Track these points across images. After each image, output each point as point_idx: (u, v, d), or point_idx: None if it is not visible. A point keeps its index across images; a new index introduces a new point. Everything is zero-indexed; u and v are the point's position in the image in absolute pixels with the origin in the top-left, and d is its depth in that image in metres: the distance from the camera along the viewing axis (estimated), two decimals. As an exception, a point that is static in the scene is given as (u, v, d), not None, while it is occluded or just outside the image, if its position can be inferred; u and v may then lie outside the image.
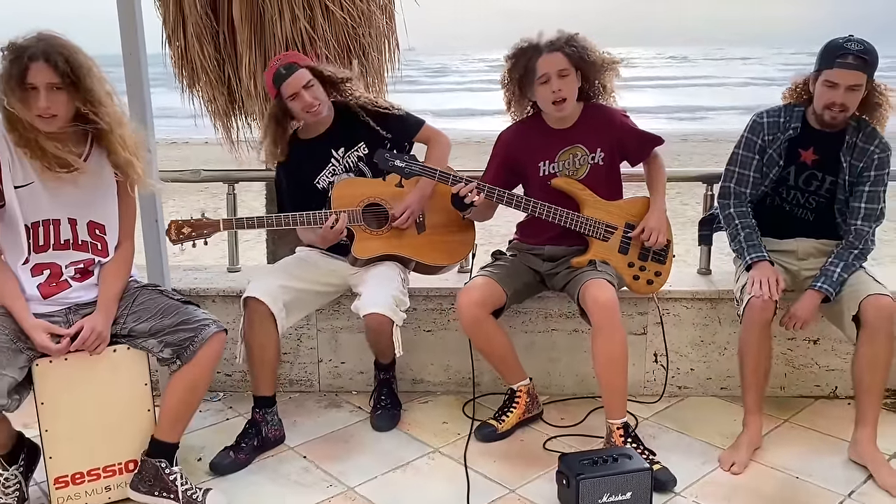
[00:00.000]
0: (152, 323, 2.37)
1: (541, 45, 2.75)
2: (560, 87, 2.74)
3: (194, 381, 2.37)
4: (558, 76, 2.73)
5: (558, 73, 2.73)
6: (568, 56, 2.73)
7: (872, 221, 2.77)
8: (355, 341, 3.18)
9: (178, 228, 2.71)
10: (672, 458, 2.64)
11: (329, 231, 2.79)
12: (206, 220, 2.74)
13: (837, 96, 2.61)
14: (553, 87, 2.73)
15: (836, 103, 2.62)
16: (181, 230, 2.71)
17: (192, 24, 4.17)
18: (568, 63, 2.73)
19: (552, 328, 3.15)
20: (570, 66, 2.73)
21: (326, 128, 2.97)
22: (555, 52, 2.73)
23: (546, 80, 2.74)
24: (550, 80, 2.73)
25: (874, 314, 2.55)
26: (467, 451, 2.73)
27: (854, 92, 2.61)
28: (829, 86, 2.61)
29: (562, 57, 2.72)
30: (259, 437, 2.75)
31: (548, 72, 2.73)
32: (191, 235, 2.71)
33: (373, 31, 4.41)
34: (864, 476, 2.56)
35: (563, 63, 2.72)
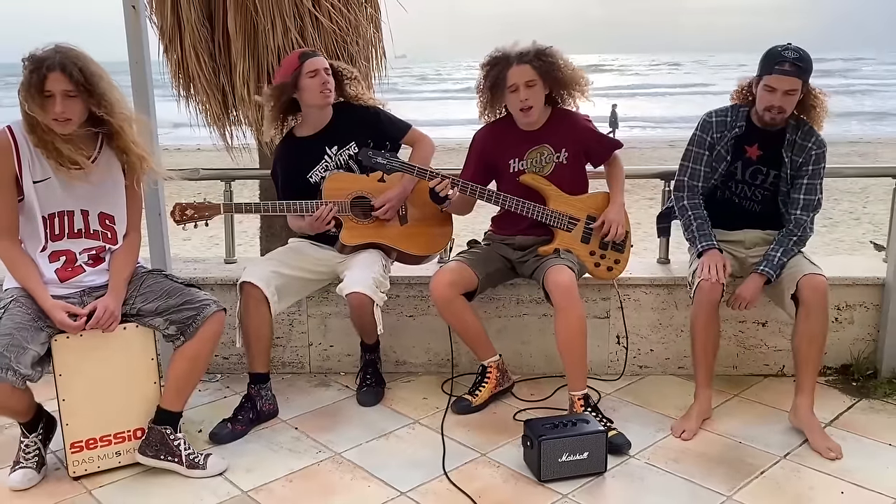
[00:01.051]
0: (158, 303, 2.64)
1: (511, 57, 3.03)
2: (527, 97, 3.02)
3: (196, 354, 2.64)
4: (526, 86, 3.01)
5: (525, 83, 3.00)
6: (536, 69, 3.00)
7: (810, 211, 3.06)
8: (343, 326, 3.45)
9: (182, 210, 2.98)
10: (629, 427, 2.91)
11: (316, 220, 3.05)
12: (207, 204, 3.02)
13: (775, 99, 2.90)
14: (521, 96, 3.02)
15: (775, 106, 2.91)
16: (185, 212, 2.98)
17: (189, 34, 4.45)
18: (535, 75, 3.00)
19: (523, 313, 3.43)
20: (538, 77, 3.01)
21: (322, 126, 3.24)
22: (524, 65, 3.00)
23: (515, 90, 3.02)
24: (519, 90, 3.02)
25: (810, 292, 2.84)
26: (444, 421, 3.01)
27: (790, 96, 2.90)
28: (769, 90, 2.91)
29: (530, 69, 3.00)
30: (254, 410, 3.02)
31: (516, 82, 3.01)
32: (193, 217, 2.99)
33: (360, 40, 4.70)
34: (800, 440, 2.84)
35: (531, 75, 3.00)
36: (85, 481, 2.62)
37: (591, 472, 2.61)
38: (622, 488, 2.57)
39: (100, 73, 2.47)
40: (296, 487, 2.59)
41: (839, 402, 3.18)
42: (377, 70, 4.94)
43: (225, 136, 4.81)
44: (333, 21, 4.45)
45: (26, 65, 2.41)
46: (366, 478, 2.64)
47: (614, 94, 36.18)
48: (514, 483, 2.60)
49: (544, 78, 3.03)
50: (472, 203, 3.21)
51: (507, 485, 2.59)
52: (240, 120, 4.73)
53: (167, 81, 4.75)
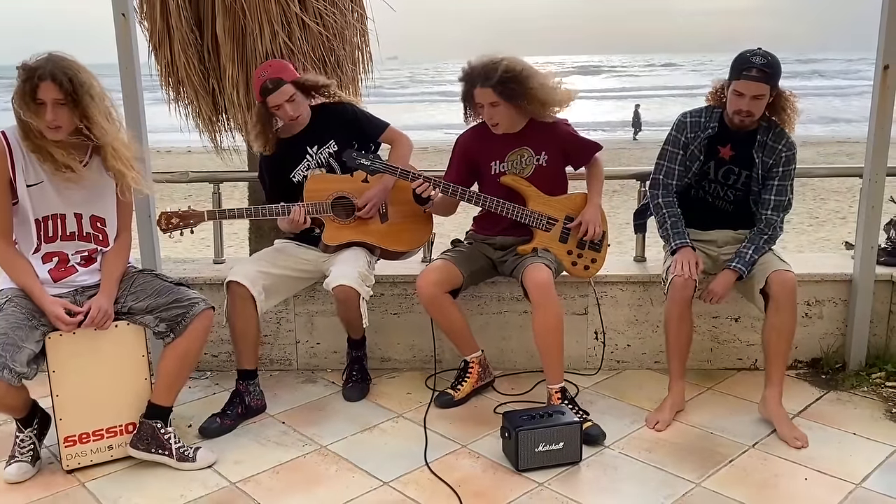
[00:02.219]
0: (149, 301, 2.73)
1: (474, 78, 3.09)
2: (491, 116, 3.12)
3: (186, 351, 2.73)
4: (490, 107, 3.09)
5: (489, 104, 3.08)
6: (498, 93, 3.05)
7: (781, 211, 3.17)
8: (329, 324, 3.55)
9: (168, 219, 3.06)
10: (605, 419, 3.02)
11: (294, 223, 3.15)
12: (192, 212, 3.10)
13: (744, 104, 3.01)
14: (486, 115, 3.12)
15: (743, 110, 3.02)
16: (170, 220, 3.06)
17: (179, 39, 4.53)
18: (497, 97, 3.06)
19: (504, 310, 3.54)
20: (500, 99, 3.06)
21: (303, 127, 3.33)
22: (486, 88, 3.05)
23: (481, 107, 3.12)
24: (484, 109, 3.11)
25: (779, 287, 2.95)
26: (427, 415, 3.11)
27: (758, 100, 3.01)
28: (737, 95, 3.01)
29: (492, 93, 3.05)
30: (243, 405, 3.11)
31: (481, 101, 3.10)
32: (179, 225, 3.07)
33: (347, 44, 4.80)
34: (769, 430, 2.95)
35: (493, 97, 3.06)
36: (78, 474, 2.71)
37: (567, 461, 2.72)
38: (597, 477, 2.67)
39: (89, 84, 2.53)
40: (283, 479, 2.69)
41: (808, 394, 3.30)
42: (364, 73, 5.04)
43: (214, 138, 4.91)
44: (320, 25, 4.55)
45: (20, 74, 2.50)
46: (350, 469, 2.74)
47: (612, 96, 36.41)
48: (493, 473, 2.70)
49: (507, 100, 3.07)
50: (456, 204, 3.31)
51: (486, 474, 2.69)
52: (229, 123, 4.83)
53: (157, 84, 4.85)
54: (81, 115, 2.51)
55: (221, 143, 5.00)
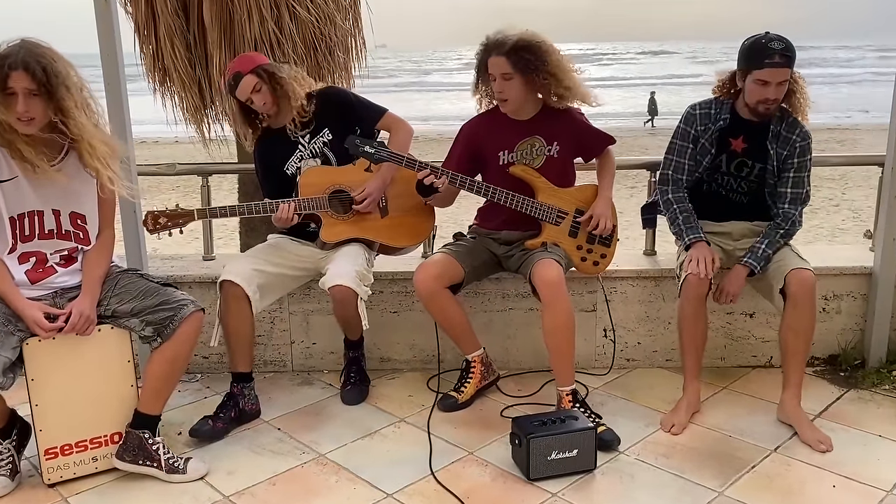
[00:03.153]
0: (134, 304, 2.55)
1: (489, 46, 2.96)
2: (501, 89, 2.95)
3: (174, 356, 2.56)
4: (502, 78, 2.94)
5: (501, 75, 2.93)
6: (513, 63, 2.91)
7: (798, 204, 3.03)
8: (326, 323, 3.38)
9: (155, 219, 2.89)
10: (618, 422, 2.88)
11: (281, 220, 2.98)
12: (180, 210, 2.92)
13: (770, 92, 2.85)
14: (496, 87, 2.96)
15: (770, 98, 2.86)
16: (157, 220, 2.89)
17: (164, 25, 4.33)
18: (511, 68, 2.91)
19: (509, 307, 3.38)
20: (514, 71, 2.92)
21: (291, 117, 3.15)
22: (500, 56, 2.92)
23: (493, 79, 2.96)
24: (496, 81, 2.95)
25: (797, 286, 2.80)
26: (430, 419, 2.96)
27: (783, 86, 2.86)
28: (762, 84, 2.85)
29: (505, 62, 2.91)
30: (236, 408, 2.95)
31: (493, 73, 2.95)
32: (167, 225, 2.89)
33: (338, 29, 4.61)
34: (790, 433, 2.81)
35: (507, 68, 2.91)
36: (61, 488, 2.54)
37: (581, 469, 2.57)
38: (612, 485, 2.53)
39: (65, 74, 2.34)
40: (279, 491, 2.53)
41: (827, 392, 3.16)
42: (357, 60, 4.86)
43: (202, 129, 4.72)
44: (311, 11, 4.36)
45: None
46: (351, 479, 2.58)
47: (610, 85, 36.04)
48: (503, 482, 2.55)
49: (522, 73, 2.93)
50: (455, 195, 3.15)
51: (495, 484, 2.54)
52: (217, 114, 4.64)
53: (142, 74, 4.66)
54: (56, 107, 2.33)
55: (210, 134, 4.82)
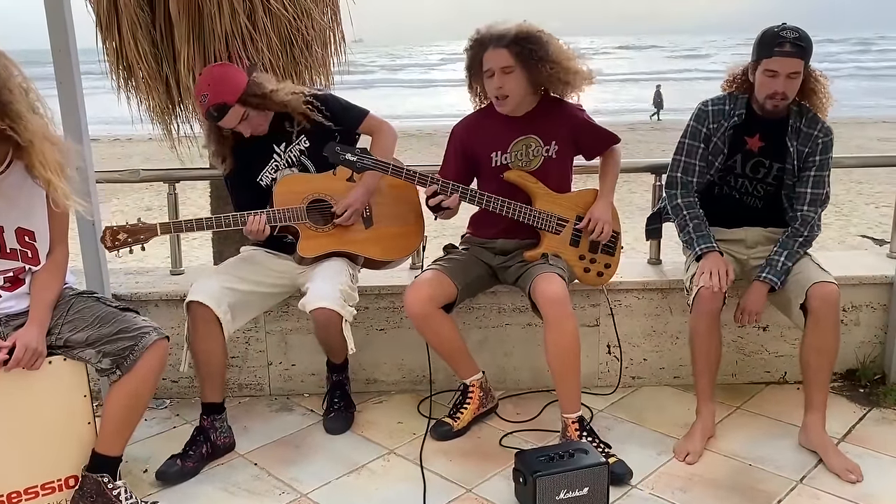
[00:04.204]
0: (89, 332, 2.26)
1: (487, 39, 2.71)
2: (501, 84, 2.70)
3: (136, 391, 2.27)
4: (501, 72, 2.69)
5: (501, 69, 2.68)
6: (514, 55, 2.67)
7: (818, 206, 2.80)
8: (306, 342, 3.10)
9: (114, 235, 2.59)
10: (627, 450, 2.64)
11: (253, 233, 2.70)
12: (142, 225, 2.63)
13: (778, 84, 2.63)
14: (495, 83, 2.70)
15: (778, 92, 2.64)
16: (116, 236, 2.59)
17: (128, 18, 4.02)
18: (513, 60, 2.68)
19: (506, 322, 3.13)
20: (516, 63, 2.68)
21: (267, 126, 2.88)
22: (500, 49, 2.68)
23: (490, 75, 2.71)
24: (494, 76, 2.70)
25: (820, 302, 2.58)
26: (423, 450, 2.69)
27: (793, 79, 2.64)
28: (770, 75, 2.63)
29: (506, 54, 2.67)
30: (208, 443, 2.66)
31: (491, 67, 2.69)
32: (127, 241, 2.60)
33: (315, 23, 4.32)
34: (815, 461, 2.59)
35: (508, 60, 2.68)
36: (8, 542, 2.26)
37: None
38: (627, 526, 2.29)
39: (7, 76, 2.04)
40: (256, 539, 2.26)
41: (849, 412, 2.94)
42: (335, 56, 4.57)
43: (170, 130, 4.41)
44: (286, 5, 4.07)
45: None
46: (337, 524, 2.32)
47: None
48: (506, 525, 2.30)
49: (525, 65, 2.70)
50: (458, 205, 2.85)
51: (497, 527, 2.29)
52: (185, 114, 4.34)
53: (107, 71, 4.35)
54: (2, 112, 2.03)
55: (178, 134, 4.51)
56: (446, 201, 2.65)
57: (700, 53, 62.11)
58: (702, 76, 37.03)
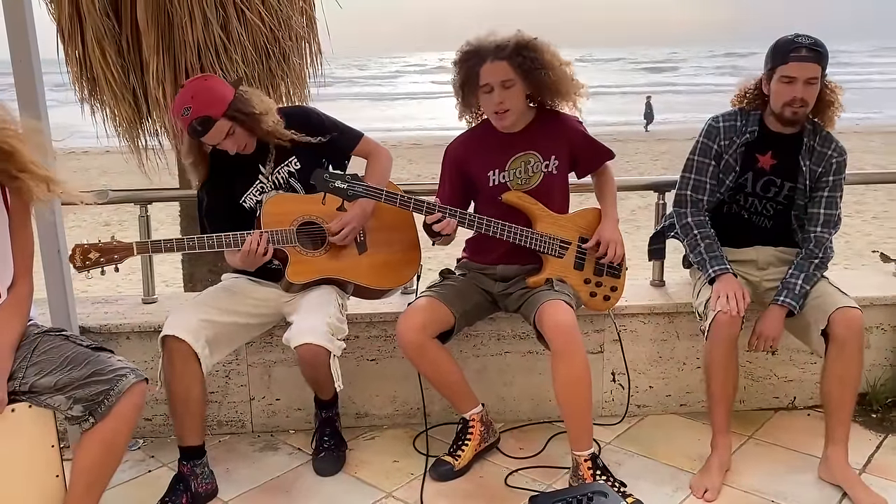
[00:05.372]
0: (58, 376, 2.02)
1: (484, 51, 2.54)
2: (502, 100, 2.54)
3: (111, 439, 2.03)
4: (502, 87, 2.52)
5: (502, 83, 2.52)
6: (514, 66, 2.52)
7: (831, 228, 2.68)
8: (291, 375, 2.89)
9: (84, 254, 2.34)
10: (642, 487, 2.48)
11: (251, 254, 2.49)
12: (116, 244, 2.39)
13: (797, 90, 2.51)
14: (495, 98, 2.53)
15: (797, 98, 2.52)
16: (87, 255, 2.34)
17: (92, 27, 3.80)
18: (514, 73, 2.52)
19: (505, 350, 2.95)
20: (517, 76, 2.53)
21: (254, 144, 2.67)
22: (499, 61, 2.51)
23: (489, 90, 2.54)
24: (493, 91, 2.53)
25: (844, 328, 2.45)
26: (423, 493, 2.49)
27: (812, 85, 2.53)
28: (787, 81, 2.52)
29: (507, 67, 2.51)
30: (188, 493, 2.43)
31: (490, 81, 2.52)
32: (99, 261, 2.35)
33: (293, 34, 4.13)
34: (839, 495, 2.45)
35: (508, 73, 2.51)
36: None
37: (613, 556, 2.15)
38: (652, 575, 2.12)
39: None
40: None
41: (864, 439, 2.82)
42: (312, 67, 4.38)
43: (137, 146, 4.17)
44: (262, 14, 3.87)
45: None
46: (336, 582, 2.11)
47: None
48: (522, 578, 2.12)
49: (525, 77, 2.55)
50: (456, 230, 2.67)
51: (513, 580, 2.10)
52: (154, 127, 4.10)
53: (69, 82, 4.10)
54: None
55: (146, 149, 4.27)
56: (444, 228, 2.46)
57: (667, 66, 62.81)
58: (672, 90, 37.59)
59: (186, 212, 4.45)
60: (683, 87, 39.53)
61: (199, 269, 4.49)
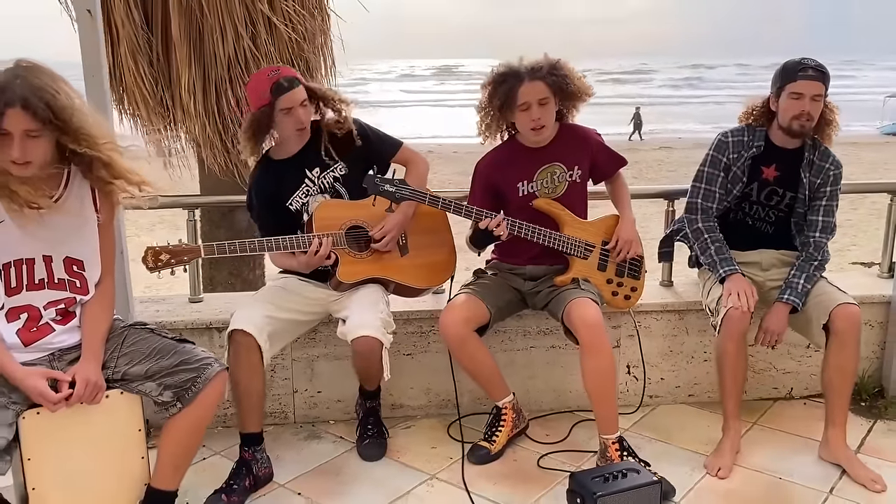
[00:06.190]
0: (148, 365, 2.22)
1: (522, 73, 2.78)
2: (539, 116, 2.79)
3: (197, 423, 2.24)
4: (539, 104, 2.77)
5: (539, 101, 2.77)
6: (549, 85, 2.77)
7: (828, 233, 2.96)
8: (332, 369, 3.10)
9: (156, 255, 2.54)
10: (662, 467, 2.72)
11: (314, 256, 2.70)
12: (185, 246, 2.59)
13: (805, 105, 2.78)
14: (533, 115, 2.78)
15: (805, 112, 2.79)
16: (159, 257, 2.54)
17: (126, 39, 3.97)
18: (549, 91, 2.77)
19: (531, 346, 3.19)
20: (551, 94, 2.78)
21: (301, 147, 2.88)
22: (536, 81, 2.76)
23: (527, 108, 2.78)
24: (531, 108, 2.78)
25: (844, 323, 2.73)
26: (465, 475, 2.72)
27: (817, 102, 2.80)
28: (795, 97, 2.79)
29: (543, 86, 2.76)
30: (251, 476, 2.63)
31: (528, 100, 2.77)
32: (169, 262, 2.55)
33: (314, 47, 4.34)
34: (838, 472, 2.73)
35: (545, 92, 2.77)
36: (62, 584, 2.18)
37: (645, 526, 2.40)
38: (680, 543, 2.37)
39: (70, 104, 1.99)
40: (320, 570, 2.25)
41: (856, 425, 3.10)
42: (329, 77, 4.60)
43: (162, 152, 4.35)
44: (290, 26, 4.08)
45: None
46: (398, 552, 2.33)
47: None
48: (565, 546, 2.35)
49: (556, 93, 2.81)
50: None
51: (557, 548, 2.34)
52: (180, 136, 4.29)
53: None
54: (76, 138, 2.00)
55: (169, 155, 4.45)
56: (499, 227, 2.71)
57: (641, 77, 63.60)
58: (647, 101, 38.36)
59: (208, 217, 4.63)
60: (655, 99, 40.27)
61: (219, 272, 4.67)
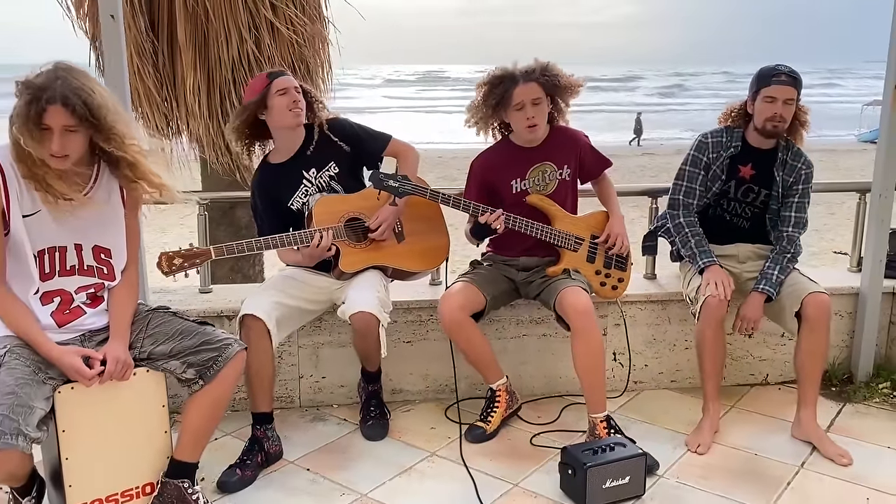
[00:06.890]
0: (172, 344, 2.39)
1: (517, 76, 2.98)
2: (533, 115, 2.99)
3: (218, 399, 2.41)
4: (532, 104, 2.97)
5: (532, 101, 2.97)
6: (542, 85, 2.98)
7: (800, 228, 3.18)
8: (336, 356, 3.28)
9: (170, 260, 2.67)
10: (646, 445, 2.88)
11: (316, 249, 2.88)
12: (196, 250, 2.73)
13: (777, 108, 3.00)
14: (527, 114, 2.98)
15: (777, 114, 3.00)
16: (172, 261, 2.67)
17: (131, 43, 4.12)
18: (542, 92, 2.98)
19: (523, 334, 3.39)
20: (544, 94, 2.99)
21: (296, 150, 3.06)
22: (530, 83, 2.96)
23: (521, 108, 2.98)
24: (525, 108, 2.97)
25: (815, 310, 2.94)
26: (462, 452, 2.91)
27: (789, 105, 3.02)
28: (769, 101, 3.00)
29: (537, 87, 2.97)
30: (262, 452, 2.80)
31: (523, 100, 2.97)
32: (183, 266, 2.69)
33: (314, 51, 4.52)
34: (809, 449, 2.94)
35: (538, 92, 2.97)
36: (91, 548, 2.34)
37: (631, 496, 2.60)
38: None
39: (105, 104, 2.17)
40: (332, 536, 2.42)
41: (827, 408, 3.32)
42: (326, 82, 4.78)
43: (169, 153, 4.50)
44: (291, 30, 4.25)
45: (21, 92, 2.10)
46: (404, 519, 2.51)
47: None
48: (559, 513, 2.54)
49: (549, 93, 3.02)
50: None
51: (551, 516, 2.53)
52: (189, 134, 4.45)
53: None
54: (108, 136, 2.17)
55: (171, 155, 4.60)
56: (496, 221, 2.90)
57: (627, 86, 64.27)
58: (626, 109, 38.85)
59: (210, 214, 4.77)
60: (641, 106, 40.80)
61: (220, 268, 4.82)
